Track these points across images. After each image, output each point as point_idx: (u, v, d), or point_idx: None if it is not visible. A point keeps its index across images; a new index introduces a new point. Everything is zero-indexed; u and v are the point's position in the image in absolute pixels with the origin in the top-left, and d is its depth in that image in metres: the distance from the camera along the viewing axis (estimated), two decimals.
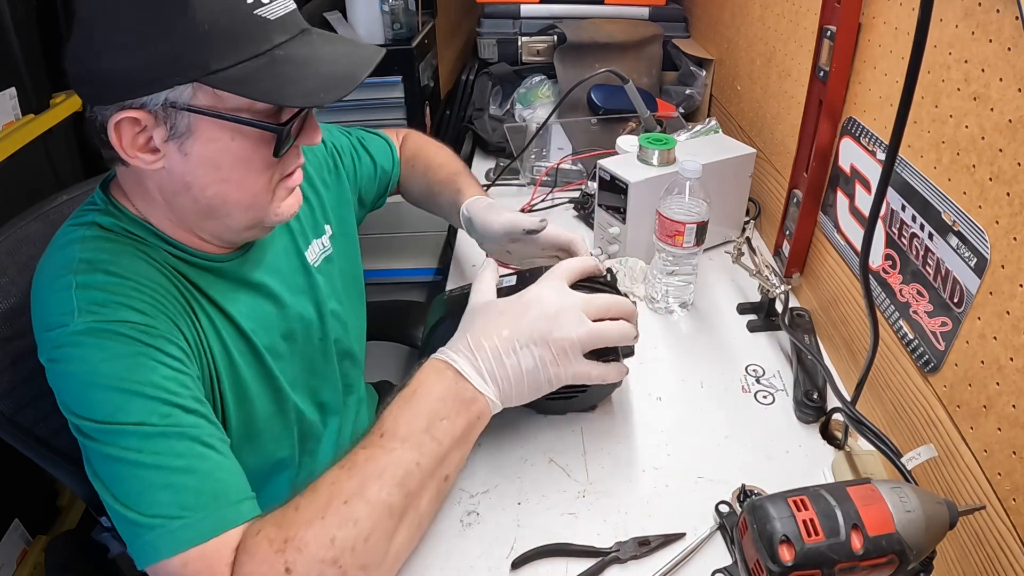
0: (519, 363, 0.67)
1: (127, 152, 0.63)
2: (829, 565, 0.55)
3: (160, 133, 0.62)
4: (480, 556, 0.69)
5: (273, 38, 0.63)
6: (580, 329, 0.68)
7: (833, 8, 0.88)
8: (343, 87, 0.63)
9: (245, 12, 0.61)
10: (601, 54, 1.58)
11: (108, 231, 0.69)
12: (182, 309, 0.69)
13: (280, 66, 0.62)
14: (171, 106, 0.61)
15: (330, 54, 0.66)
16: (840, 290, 0.93)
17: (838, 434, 0.82)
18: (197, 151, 0.64)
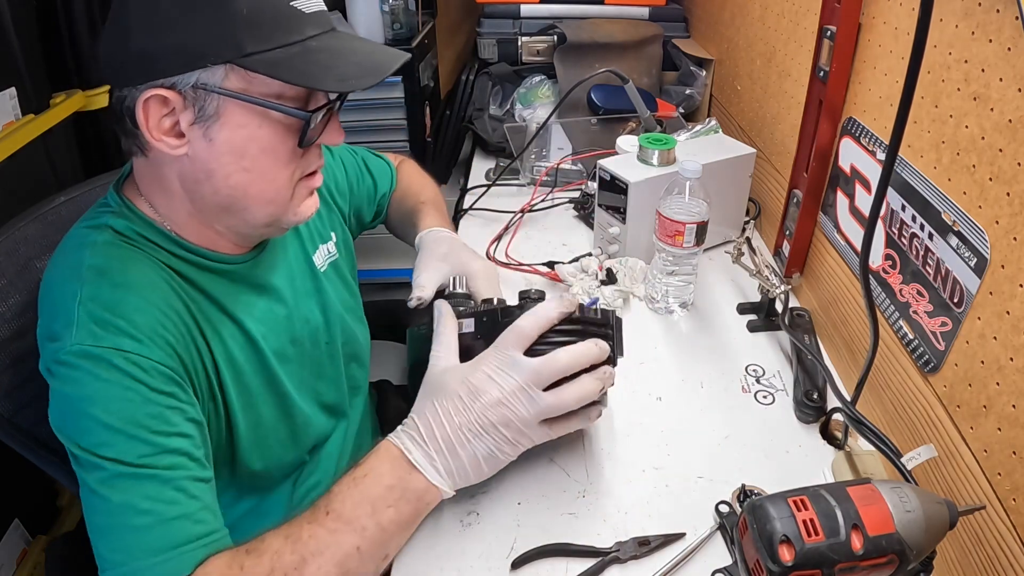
0: (474, 452, 0.66)
1: (152, 134, 0.63)
2: (829, 565, 0.55)
3: (187, 116, 0.63)
4: (480, 556, 0.69)
5: (306, 30, 0.65)
6: (533, 408, 0.65)
7: (833, 8, 0.88)
8: (374, 75, 0.65)
9: (284, 2, 0.63)
10: (601, 54, 1.58)
11: (121, 235, 0.69)
12: (184, 326, 0.69)
13: (313, 54, 0.64)
14: (202, 87, 0.61)
15: (360, 48, 0.68)
16: (840, 290, 0.93)
17: (838, 434, 0.82)
18: (223, 137, 0.64)
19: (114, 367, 0.62)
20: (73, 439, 0.62)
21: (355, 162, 1.06)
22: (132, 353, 0.63)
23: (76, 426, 0.62)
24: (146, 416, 0.62)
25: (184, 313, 0.69)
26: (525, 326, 0.67)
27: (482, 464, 0.66)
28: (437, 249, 0.96)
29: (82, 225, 0.71)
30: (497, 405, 0.65)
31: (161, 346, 0.65)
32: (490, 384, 0.66)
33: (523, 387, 0.65)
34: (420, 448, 0.66)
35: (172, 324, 0.67)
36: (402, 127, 1.56)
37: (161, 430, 0.63)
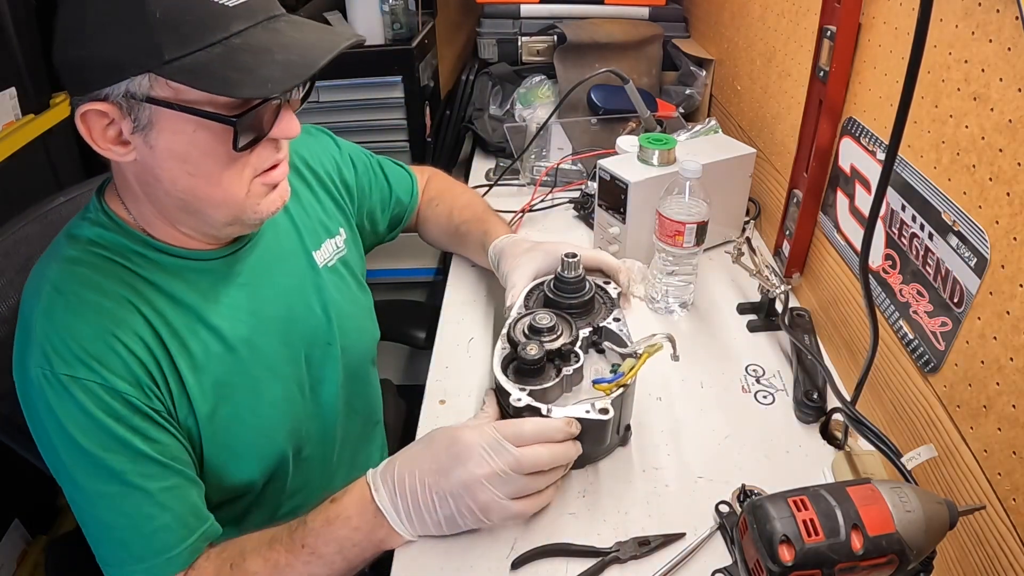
0: (436, 511, 0.67)
1: (98, 144, 0.63)
2: (829, 565, 0.55)
3: (126, 125, 0.62)
4: (480, 556, 0.69)
5: (231, 26, 0.61)
6: (507, 487, 0.66)
7: (833, 8, 0.88)
8: (297, 75, 0.61)
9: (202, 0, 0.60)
10: (601, 54, 1.58)
11: (95, 245, 0.69)
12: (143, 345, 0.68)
13: (236, 54, 0.60)
14: (131, 97, 0.60)
15: (296, 41, 0.63)
16: (840, 290, 0.93)
17: (838, 434, 0.82)
18: (163, 143, 0.63)
19: (70, 395, 0.63)
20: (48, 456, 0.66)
21: (368, 163, 1.03)
22: (85, 380, 0.64)
23: (41, 446, 0.66)
24: (101, 443, 0.64)
25: (144, 328, 0.68)
26: (526, 432, 0.67)
27: (442, 524, 0.68)
28: (519, 247, 0.95)
29: (63, 233, 0.71)
30: (470, 482, 0.66)
31: (113, 369, 0.65)
32: (470, 461, 0.66)
33: (502, 471, 0.66)
34: (389, 496, 0.68)
35: (126, 344, 0.67)
36: (402, 127, 1.57)
37: (119, 454, 0.65)
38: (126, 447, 0.65)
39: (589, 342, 0.81)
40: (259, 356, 0.78)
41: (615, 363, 0.80)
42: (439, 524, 0.68)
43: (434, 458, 0.68)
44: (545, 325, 0.76)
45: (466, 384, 0.92)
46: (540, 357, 0.73)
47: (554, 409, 0.70)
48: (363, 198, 1.01)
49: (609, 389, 0.72)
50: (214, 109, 0.61)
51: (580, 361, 0.76)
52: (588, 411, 0.70)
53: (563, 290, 0.83)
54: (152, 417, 0.67)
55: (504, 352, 0.76)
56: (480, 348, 0.98)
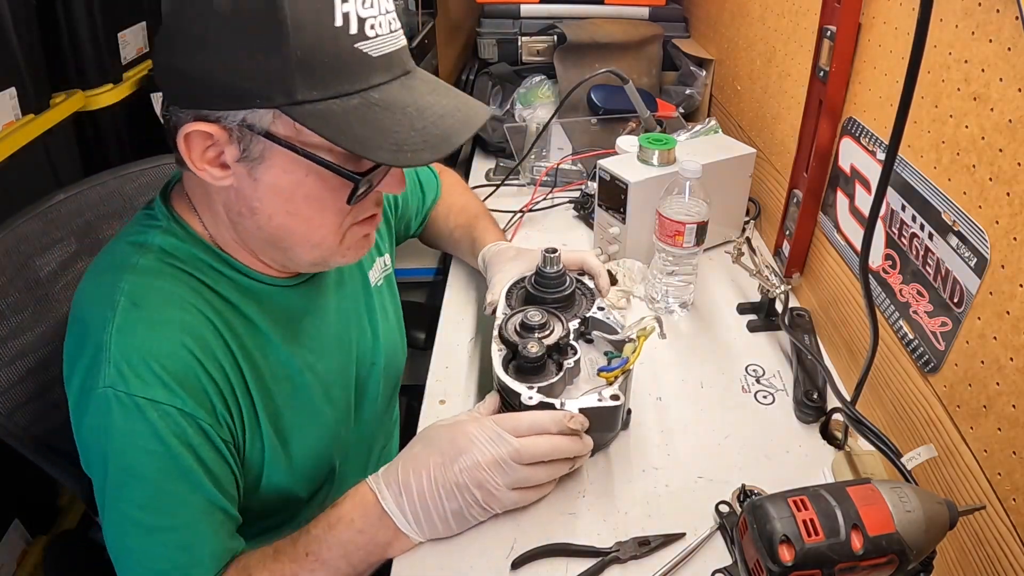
0: (444, 508, 0.67)
1: (195, 164, 0.59)
2: (829, 565, 0.55)
3: (232, 152, 0.59)
4: (480, 556, 0.69)
5: (371, 77, 0.58)
6: (507, 478, 0.67)
7: (833, 8, 0.88)
8: (438, 148, 0.58)
9: (345, 44, 0.56)
10: (601, 54, 1.58)
11: (167, 255, 0.66)
12: (219, 366, 0.66)
13: (371, 111, 0.57)
14: (248, 128, 0.57)
15: (431, 106, 0.60)
16: (840, 290, 0.93)
17: (838, 434, 0.82)
18: (269, 179, 0.60)
19: (144, 418, 0.60)
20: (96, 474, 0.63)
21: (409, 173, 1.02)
22: (163, 404, 0.60)
23: (100, 465, 0.62)
24: (167, 472, 0.61)
25: (222, 350, 0.67)
26: (523, 424, 0.68)
27: (450, 520, 0.68)
28: (505, 255, 0.96)
29: (126, 239, 0.67)
30: (474, 468, 0.66)
31: (193, 393, 0.63)
32: (473, 448, 0.67)
33: (503, 459, 0.66)
34: (394, 496, 0.67)
35: (205, 368, 0.64)
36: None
37: (181, 485, 0.62)
38: (187, 479, 0.62)
39: (578, 333, 0.82)
40: (319, 380, 0.78)
41: (607, 351, 0.81)
42: (447, 520, 0.67)
43: (438, 452, 0.68)
44: (537, 322, 0.76)
45: (466, 384, 0.92)
46: (542, 354, 0.73)
47: (568, 403, 0.70)
48: (404, 206, 1.02)
49: (613, 377, 0.73)
50: (332, 158, 0.59)
51: (578, 353, 0.77)
52: (600, 399, 0.71)
53: (545, 285, 0.84)
54: (219, 449, 0.65)
55: (501, 353, 0.76)
56: (480, 348, 0.98)
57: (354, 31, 0.56)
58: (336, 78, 0.56)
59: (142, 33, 1.68)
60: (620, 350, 0.78)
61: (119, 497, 0.62)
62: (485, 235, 1.04)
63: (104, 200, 0.92)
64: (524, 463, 0.67)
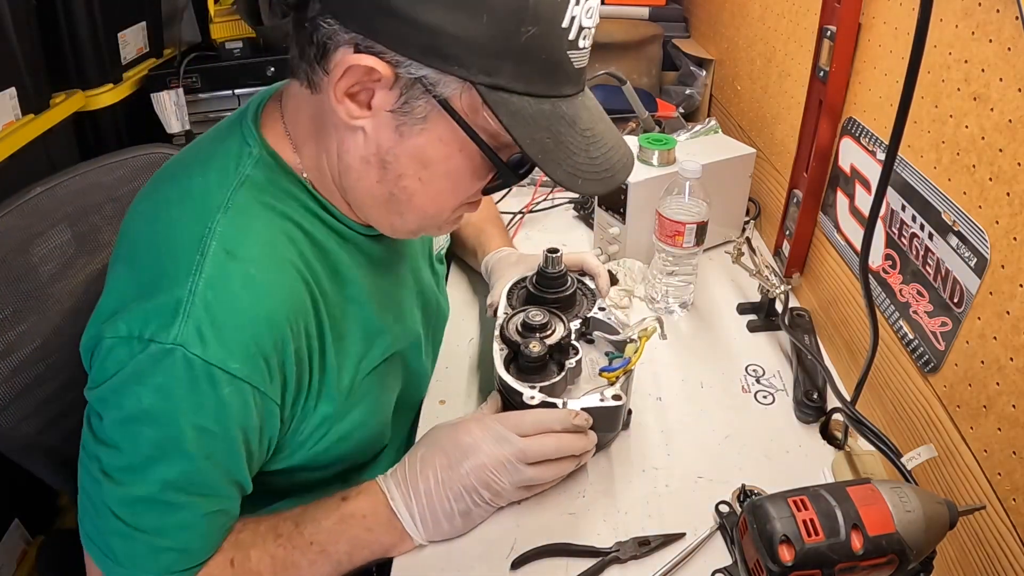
0: (451, 509, 0.67)
1: (337, 95, 0.54)
2: (829, 565, 0.55)
3: (388, 99, 0.54)
4: (480, 556, 0.69)
5: (565, 87, 0.56)
6: (513, 479, 0.67)
7: (833, 8, 0.88)
8: (605, 184, 0.57)
9: (562, 47, 0.53)
10: (601, 54, 1.58)
11: (263, 193, 0.60)
12: (305, 335, 0.62)
13: (559, 123, 0.55)
14: (423, 85, 0.53)
15: (602, 135, 0.59)
16: (840, 290, 0.93)
17: (838, 434, 0.82)
18: (417, 142, 0.56)
19: (214, 390, 0.55)
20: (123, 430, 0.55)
21: None
22: (240, 379, 0.55)
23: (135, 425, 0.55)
24: (220, 449, 0.58)
25: (312, 316, 0.63)
26: (526, 423, 0.68)
27: (457, 520, 0.68)
28: (508, 260, 0.97)
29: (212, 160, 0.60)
30: (480, 469, 0.66)
31: (273, 370, 0.58)
32: (478, 450, 0.67)
33: (508, 460, 0.67)
34: (403, 497, 0.67)
35: (294, 337, 0.60)
36: None
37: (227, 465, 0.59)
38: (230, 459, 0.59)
39: (579, 333, 0.82)
40: (392, 345, 0.75)
41: (608, 351, 0.81)
42: (454, 521, 0.67)
43: (443, 453, 0.68)
44: (539, 322, 0.76)
45: (467, 385, 0.92)
46: (544, 354, 0.73)
47: (570, 402, 0.71)
48: None
49: (615, 377, 0.73)
50: (492, 143, 0.56)
51: (580, 353, 0.77)
52: (602, 399, 0.71)
53: (547, 285, 0.84)
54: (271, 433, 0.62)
55: (503, 353, 0.76)
56: (480, 349, 0.98)
57: (572, 37, 0.54)
58: (541, 77, 0.54)
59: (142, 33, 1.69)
60: (621, 350, 0.78)
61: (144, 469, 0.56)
62: (491, 240, 1.04)
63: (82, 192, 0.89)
64: (530, 462, 0.67)
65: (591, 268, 0.90)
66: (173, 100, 1.71)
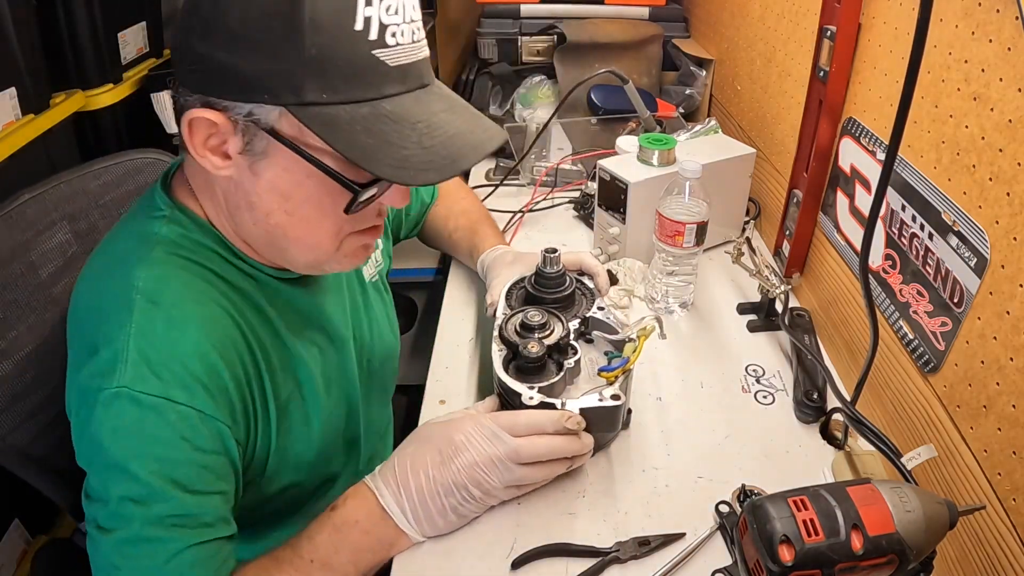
0: (443, 505, 0.67)
1: (197, 150, 0.58)
2: (829, 565, 0.55)
3: (235, 143, 0.58)
4: (480, 556, 0.69)
5: (384, 87, 0.56)
6: (504, 478, 0.67)
7: (833, 8, 0.88)
8: (443, 171, 0.56)
9: (363, 50, 0.54)
10: (601, 54, 1.58)
11: (175, 246, 0.64)
12: (242, 365, 0.65)
13: (380, 122, 0.55)
14: (253, 122, 0.56)
15: (443, 124, 0.59)
16: (840, 290, 0.93)
17: (838, 434, 0.82)
18: (269, 176, 0.59)
19: (162, 420, 0.57)
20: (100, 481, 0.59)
21: None
22: (183, 405, 0.58)
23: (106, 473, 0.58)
24: (185, 475, 0.59)
25: (241, 343, 0.66)
26: (520, 423, 0.68)
27: (449, 516, 0.68)
28: (504, 259, 0.97)
29: (130, 232, 0.65)
30: (471, 467, 0.66)
31: (214, 393, 0.61)
32: (469, 447, 0.67)
33: (499, 459, 0.67)
34: (393, 495, 0.67)
35: (227, 364, 0.63)
36: None
37: (196, 489, 0.59)
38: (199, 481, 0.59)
39: (578, 333, 0.82)
40: (321, 374, 0.78)
41: (607, 351, 0.81)
42: (446, 516, 0.67)
43: (435, 450, 0.68)
44: (537, 322, 0.77)
45: (466, 384, 0.92)
46: (542, 354, 0.73)
47: (568, 403, 0.71)
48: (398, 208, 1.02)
49: (614, 376, 0.73)
50: (335, 165, 0.57)
51: (579, 353, 0.77)
52: (600, 399, 0.71)
53: (545, 285, 0.84)
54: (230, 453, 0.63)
55: (502, 353, 0.76)
56: (480, 348, 0.98)
57: (374, 37, 0.54)
58: (348, 83, 0.55)
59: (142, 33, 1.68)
60: (620, 350, 0.78)
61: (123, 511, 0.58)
62: (485, 240, 1.04)
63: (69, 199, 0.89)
64: (521, 463, 0.67)
65: (589, 267, 0.90)
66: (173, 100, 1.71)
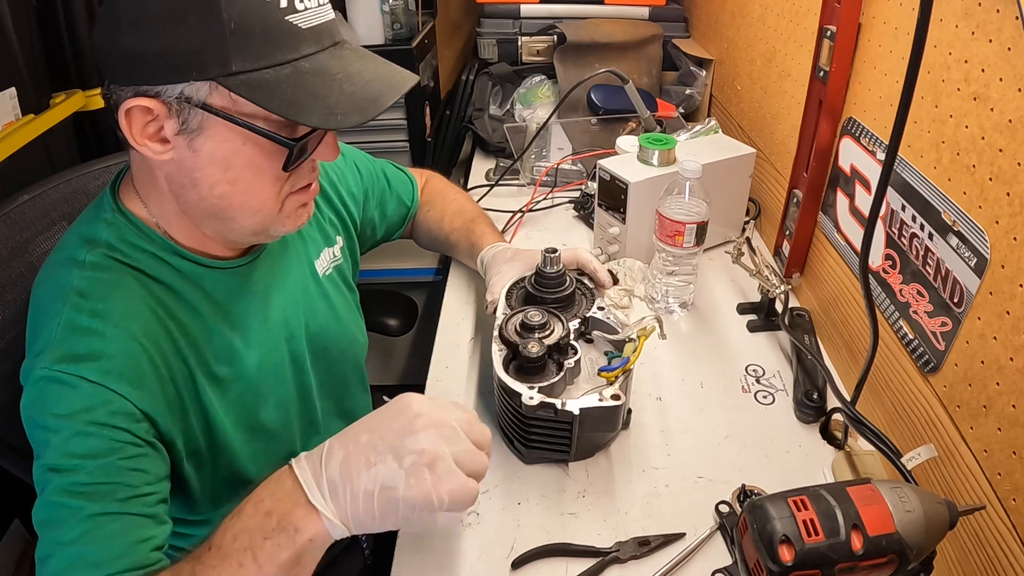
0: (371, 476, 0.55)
1: (136, 140, 0.61)
2: (829, 565, 0.55)
3: (171, 125, 0.61)
4: (480, 556, 0.69)
5: (301, 48, 0.61)
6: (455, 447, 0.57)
7: (833, 8, 0.88)
8: (366, 111, 0.61)
9: (276, 17, 0.59)
10: (601, 54, 1.58)
11: (112, 249, 0.67)
12: (162, 357, 0.67)
13: (302, 78, 0.60)
14: (186, 100, 0.59)
15: (359, 72, 0.63)
16: (840, 290, 0.93)
17: (838, 434, 0.82)
18: (208, 149, 0.62)
19: (77, 394, 0.61)
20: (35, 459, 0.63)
21: (373, 169, 1.03)
22: (97, 384, 0.61)
23: (35, 447, 0.63)
24: (95, 447, 0.60)
25: (165, 342, 0.68)
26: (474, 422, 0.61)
27: (375, 498, 0.55)
28: (503, 256, 0.97)
29: (76, 233, 0.69)
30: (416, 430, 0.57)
31: (131, 380, 0.63)
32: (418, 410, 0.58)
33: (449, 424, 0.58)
34: (312, 467, 0.57)
35: (147, 356, 0.65)
36: (402, 127, 1.56)
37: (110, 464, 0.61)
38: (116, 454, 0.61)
39: (579, 333, 0.82)
40: (268, 364, 0.78)
41: (607, 351, 0.81)
42: (371, 498, 0.55)
43: (376, 420, 0.59)
44: (537, 322, 0.77)
45: (466, 384, 0.92)
46: (542, 354, 0.73)
47: (568, 402, 0.71)
48: (367, 205, 1.01)
49: (614, 376, 0.73)
50: (268, 127, 0.61)
51: (579, 353, 0.77)
52: (600, 399, 0.71)
53: (545, 285, 0.84)
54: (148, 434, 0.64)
55: (502, 353, 0.76)
56: (480, 348, 0.98)
57: (284, 4, 0.59)
58: (268, 49, 0.59)
59: None
60: (620, 350, 0.78)
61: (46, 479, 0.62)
62: (483, 238, 1.04)
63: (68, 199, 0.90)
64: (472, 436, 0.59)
65: (584, 262, 0.90)
66: None
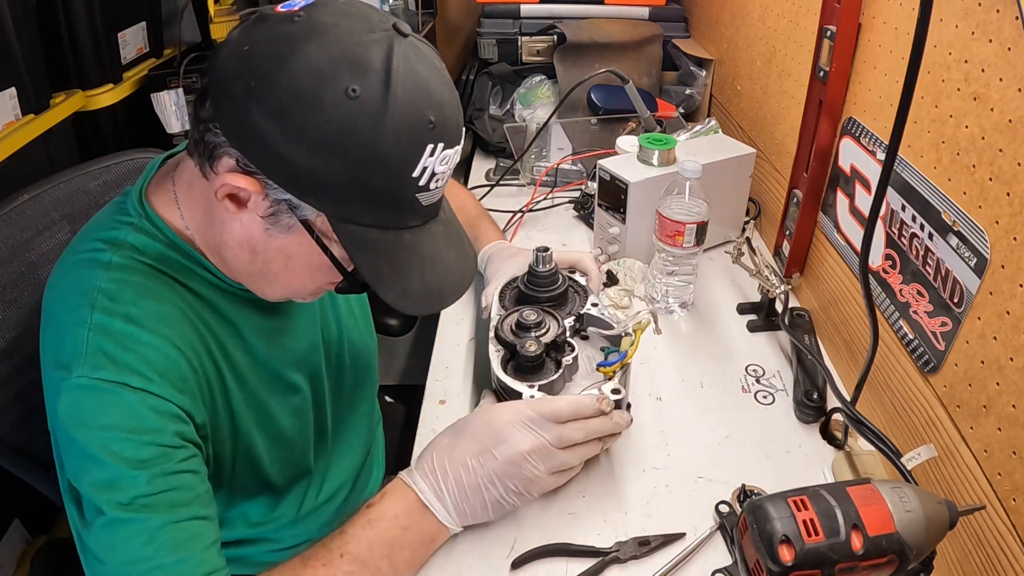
0: (484, 498, 0.67)
1: (218, 191, 0.59)
2: (829, 565, 0.55)
3: (260, 206, 0.60)
4: (480, 556, 0.69)
5: (409, 219, 0.62)
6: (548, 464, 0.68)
7: (833, 8, 0.88)
8: (431, 307, 0.65)
9: (410, 191, 0.59)
10: (601, 54, 1.58)
11: (140, 253, 0.65)
12: (198, 359, 0.66)
13: (397, 252, 0.62)
14: (290, 206, 0.59)
15: (442, 259, 0.65)
16: (840, 290, 0.93)
17: (838, 434, 0.82)
18: (281, 243, 0.62)
19: (120, 402, 0.59)
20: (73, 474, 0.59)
21: None
22: (140, 390, 0.60)
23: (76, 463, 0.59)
24: (147, 455, 0.59)
25: (199, 345, 0.67)
26: (563, 410, 0.69)
27: (489, 509, 0.68)
28: (504, 254, 0.98)
29: (96, 236, 0.66)
30: (516, 456, 0.67)
31: (172, 382, 0.62)
32: (513, 436, 0.67)
33: (543, 447, 0.67)
34: (431, 487, 0.68)
35: (185, 359, 0.64)
36: None
37: (163, 469, 0.59)
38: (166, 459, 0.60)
39: (574, 330, 0.82)
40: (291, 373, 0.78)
41: (603, 346, 0.81)
42: (486, 508, 0.68)
43: (474, 440, 0.68)
44: (532, 321, 0.77)
45: (466, 384, 0.92)
46: (540, 352, 0.73)
47: None
48: None
49: (612, 371, 0.73)
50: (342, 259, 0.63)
51: (576, 350, 0.77)
52: (600, 394, 0.71)
53: (538, 284, 0.85)
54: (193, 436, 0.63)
55: (499, 354, 0.76)
56: (479, 348, 0.98)
57: (422, 183, 0.59)
58: (386, 214, 0.60)
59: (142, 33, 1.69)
60: (617, 345, 0.78)
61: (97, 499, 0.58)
62: (485, 235, 1.05)
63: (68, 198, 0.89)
64: (563, 447, 0.68)
65: (581, 264, 0.90)
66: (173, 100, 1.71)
